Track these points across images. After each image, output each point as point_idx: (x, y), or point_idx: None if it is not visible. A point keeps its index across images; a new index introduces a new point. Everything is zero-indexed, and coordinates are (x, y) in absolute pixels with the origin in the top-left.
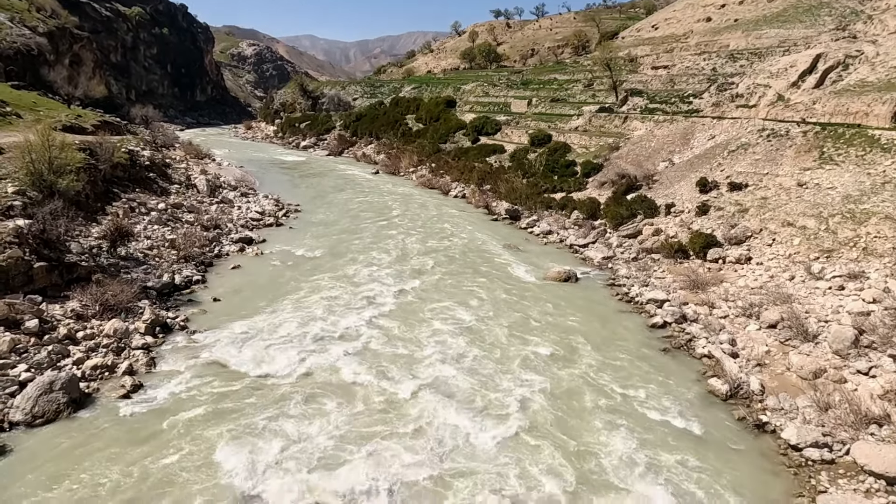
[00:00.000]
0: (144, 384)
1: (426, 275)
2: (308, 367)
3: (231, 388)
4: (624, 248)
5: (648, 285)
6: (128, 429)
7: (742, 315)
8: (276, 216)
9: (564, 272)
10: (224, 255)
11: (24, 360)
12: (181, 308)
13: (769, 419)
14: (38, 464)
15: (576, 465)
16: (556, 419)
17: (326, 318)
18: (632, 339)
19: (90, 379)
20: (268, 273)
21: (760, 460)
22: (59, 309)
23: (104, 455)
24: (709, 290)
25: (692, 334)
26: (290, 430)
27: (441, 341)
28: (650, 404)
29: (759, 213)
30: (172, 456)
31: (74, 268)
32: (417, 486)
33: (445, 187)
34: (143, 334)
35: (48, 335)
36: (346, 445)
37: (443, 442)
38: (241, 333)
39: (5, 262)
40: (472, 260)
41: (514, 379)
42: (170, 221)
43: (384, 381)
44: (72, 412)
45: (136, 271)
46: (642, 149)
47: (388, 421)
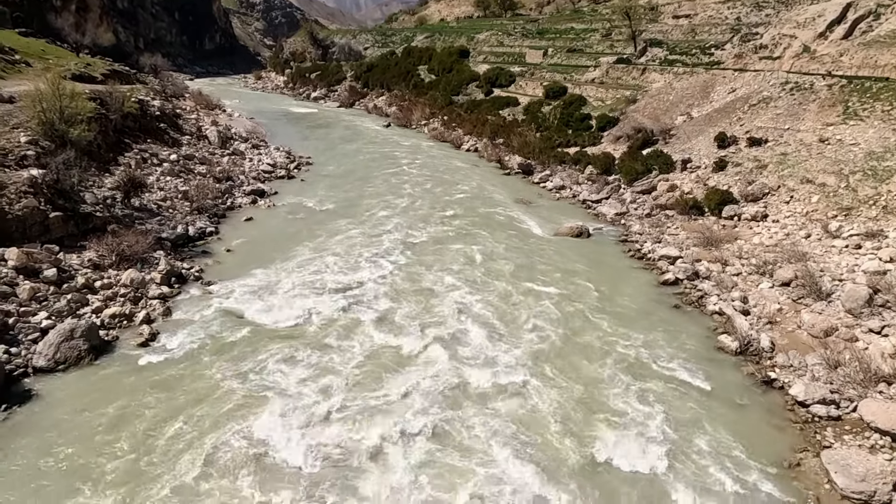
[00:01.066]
0: (161, 332)
1: (436, 228)
2: (320, 316)
3: (245, 337)
4: (637, 204)
5: (661, 242)
6: (146, 375)
7: (755, 273)
8: (288, 169)
9: (576, 227)
10: (236, 208)
11: (44, 307)
12: (195, 259)
13: (777, 376)
14: (61, 406)
15: (580, 412)
16: (563, 368)
17: (337, 270)
18: (642, 296)
19: (109, 327)
20: (280, 225)
21: (767, 416)
22: (76, 258)
23: (124, 399)
24: (722, 247)
25: (704, 291)
26: (306, 376)
27: (450, 295)
28: (658, 359)
29: (777, 170)
30: (190, 401)
31: (90, 218)
32: (433, 432)
33: (458, 141)
34: (158, 284)
35: (67, 284)
36: (362, 392)
37: (446, 392)
38: (255, 284)
39: (21, 211)
40: (483, 215)
41: (522, 331)
42: (182, 173)
43: (395, 331)
44: (92, 359)
45: (150, 222)
46: (660, 102)
47: (399, 368)
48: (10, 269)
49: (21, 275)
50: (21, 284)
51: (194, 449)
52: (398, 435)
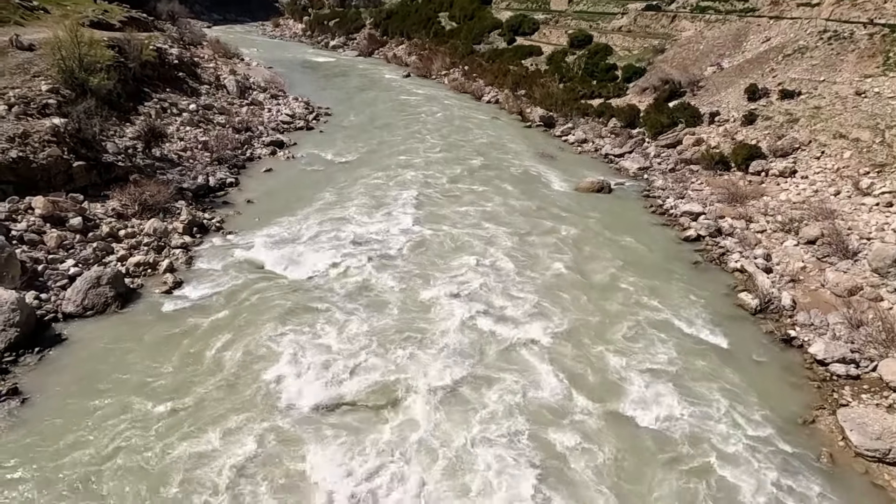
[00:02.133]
0: (185, 281)
1: (455, 182)
2: (340, 267)
3: (266, 287)
4: (661, 159)
5: (684, 197)
6: (171, 322)
7: (780, 230)
8: (307, 119)
9: (597, 182)
10: (256, 158)
11: (71, 255)
12: (216, 209)
13: (797, 334)
14: (91, 350)
15: (597, 367)
16: (581, 323)
17: (356, 221)
18: (663, 252)
19: (134, 275)
20: (299, 176)
21: (784, 373)
22: (100, 208)
23: (150, 344)
24: (748, 203)
25: (726, 248)
26: (326, 326)
27: (469, 250)
28: (676, 314)
29: (809, 124)
30: (213, 347)
31: (112, 168)
32: (454, 386)
33: (478, 92)
34: (181, 234)
35: (92, 233)
36: (385, 344)
37: (464, 350)
38: (275, 235)
39: (46, 160)
40: (502, 168)
41: (538, 285)
42: (201, 123)
43: (414, 281)
44: (119, 306)
45: (171, 172)
46: (689, 52)
47: (418, 318)
48: (38, 217)
49: (48, 223)
50: (48, 232)
51: (216, 391)
52: (425, 388)
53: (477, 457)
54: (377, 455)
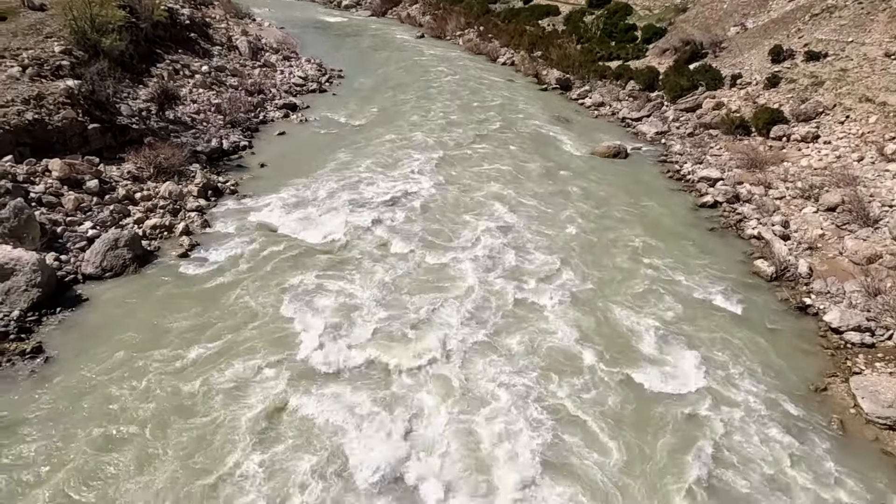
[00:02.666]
0: (200, 244)
1: (469, 146)
2: (354, 230)
3: (280, 251)
4: (680, 123)
5: (702, 163)
6: (188, 283)
7: (800, 197)
8: (320, 82)
9: (614, 147)
10: (269, 121)
11: (88, 217)
12: (230, 173)
13: (813, 302)
14: (111, 309)
15: (610, 332)
16: (594, 287)
17: (370, 184)
18: (678, 217)
19: (150, 238)
20: (312, 140)
21: (797, 341)
22: (115, 170)
23: (169, 304)
24: (767, 169)
25: (743, 215)
26: (341, 287)
27: (483, 212)
28: (691, 281)
29: (835, 87)
30: (230, 307)
31: (126, 130)
32: (472, 347)
33: (493, 53)
34: (196, 197)
35: (108, 195)
36: (400, 306)
37: (478, 313)
38: (289, 198)
39: (61, 122)
40: (517, 132)
41: (552, 248)
42: (214, 85)
43: (428, 244)
44: (137, 268)
45: (185, 135)
46: (713, 11)
47: (434, 280)
48: (55, 179)
49: (65, 185)
50: (66, 195)
51: (231, 350)
52: (439, 342)
53: (494, 394)
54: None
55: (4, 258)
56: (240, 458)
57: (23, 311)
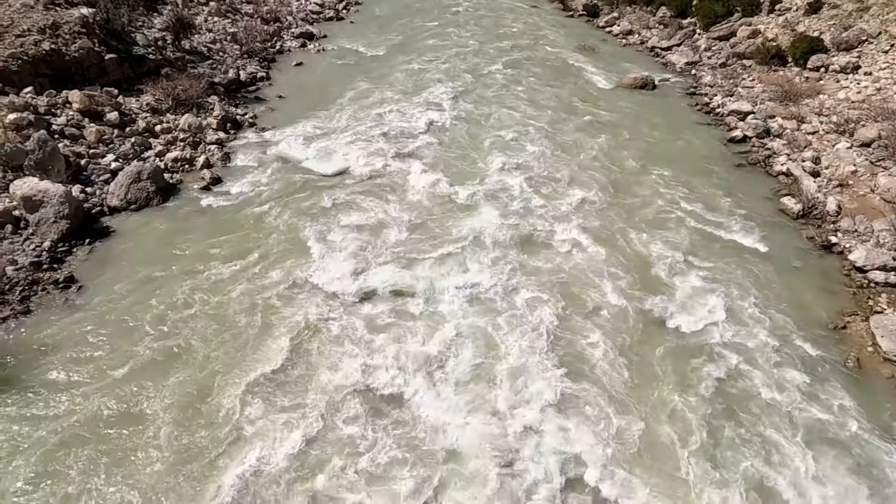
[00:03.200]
0: (221, 177)
1: (491, 76)
2: (373, 161)
3: (301, 182)
4: (712, 53)
5: (733, 95)
6: (211, 215)
7: (834, 131)
8: (337, 9)
9: (641, 78)
10: (286, 51)
11: (111, 150)
12: (249, 105)
13: (839, 241)
14: (138, 240)
15: (630, 266)
16: (615, 220)
17: (389, 115)
18: (705, 152)
19: (172, 171)
20: (331, 70)
21: (820, 279)
22: (134, 103)
23: (193, 235)
24: (801, 102)
25: (772, 150)
26: (361, 217)
27: (503, 146)
28: (714, 217)
29: (882, 13)
30: (253, 238)
31: (143, 61)
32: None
33: None
34: (215, 130)
35: (129, 128)
36: (420, 234)
37: (498, 241)
38: (308, 130)
39: (78, 52)
40: (540, 60)
41: (573, 181)
42: (229, 13)
43: (448, 174)
44: (160, 200)
45: (201, 66)
46: None
47: (454, 213)
48: (76, 111)
49: (86, 118)
50: (87, 127)
51: (254, 279)
52: (463, 273)
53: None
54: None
55: (32, 190)
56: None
57: (53, 242)
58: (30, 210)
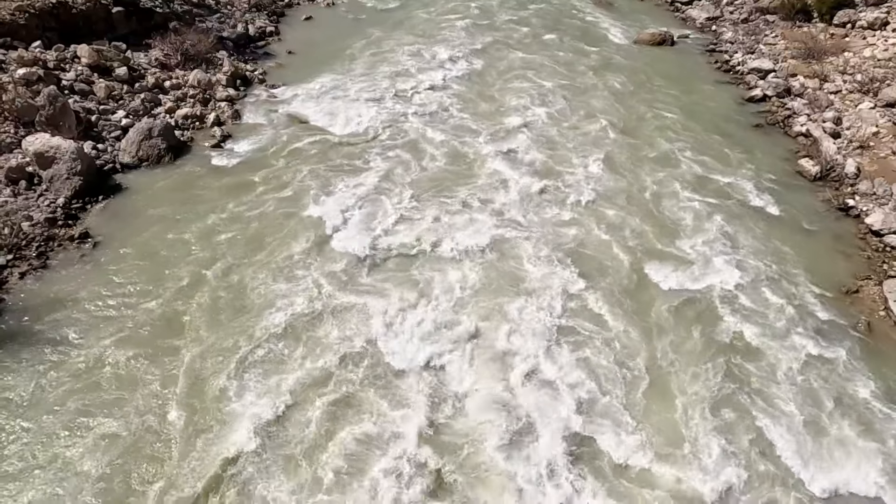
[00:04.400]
0: (232, 135)
1: (505, 33)
2: (385, 120)
3: (312, 141)
4: (734, 7)
5: (755, 52)
6: (222, 172)
7: (857, 91)
8: None
9: (659, 34)
10: (295, 5)
11: (121, 106)
12: (258, 61)
13: (856, 204)
14: (151, 196)
15: (638, 225)
16: (627, 181)
17: (401, 73)
18: (723, 111)
19: (183, 128)
20: (341, 25)
21: (834, 242)
22: (143, 57)
23: (203, 195)
24: (825, 60)
25: (793, 110)
26: (372, 177)
27: (517, 103)
28: (729, 176)
29: None
30: (264, 195)
31: (151, 14)
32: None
33: None
34: (224, 86)
35: (138, 83)
36: (431, 195)
37: (507, 204)
38: (319, 88)
39: (85, 5)
40: (555, 16)
41: (589, 139)
42: None
43: (460, 135)
44: (172, 158)
45: (209, 20)
46: None
47: (466, 174)
48: (84, 66)
49: (95, 73)
50: (97, 83)
51: (268, 234)
52: (467, 244)
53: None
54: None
55: (44, 146)
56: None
57: (67, 198)
58: (43, 166)
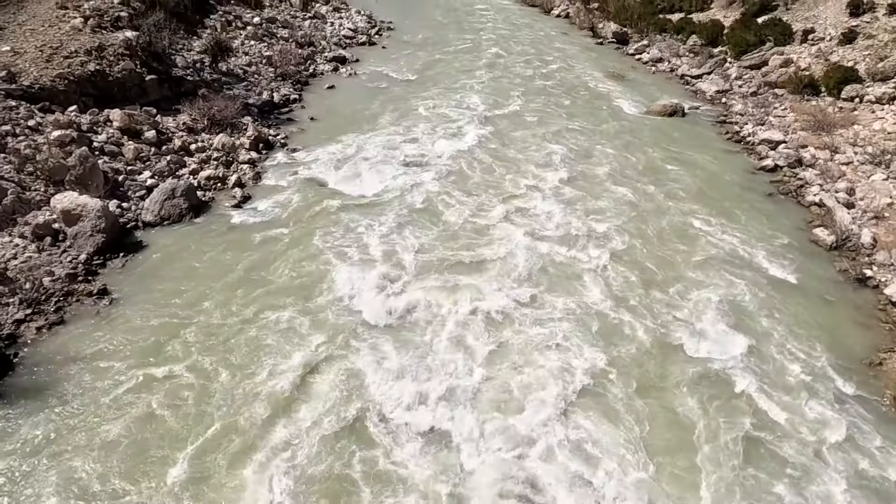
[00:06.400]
0: (252, 196)
1: (519, 101)
2: (400, 185)
3: (329, 204)
4: (743, 81)
5: (764, 124)
6: (241, 232)
7: (869, 163)
8: (369, 34)
9: (670, 105)
10: (318, 75)
11: (147, 167)
12: (281, 126)
13: (874, 274)
14: (170, 255)
15: (650, 298)
16: (639, 247)
17: (418, 140)
18: (735, 180)
19: (205, 189)
20: (362, 94)
21: (854, 313)
22: (171, 122)
23: (222, 253)
24: (835, 132)
25: (805, 180)
26: (386, 239)
27: (530, 170)
28: (742, 245)
29: None
30: (280, 255)
31: (181, 82)
32: (501, 310)
33: (547, 5)
34: (248, 150)
35: (165, 146)
36: (442, 259)
37: (525, 274)
38: (338, 152)
39: (121, 73)
40: (568, 87)
41: (601, 206)
42: (265, 37)
43: (474, 201)
44: (192, 217)
45: (237, 88)
46: None
47: (478, 238)
48: (116, 129)
49: (125, 135)
50: (126, 145)
51: (281, 292)
52: (484, 311)
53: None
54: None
55: (72, 204)
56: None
57: (89, 254)
58: (68, 223)
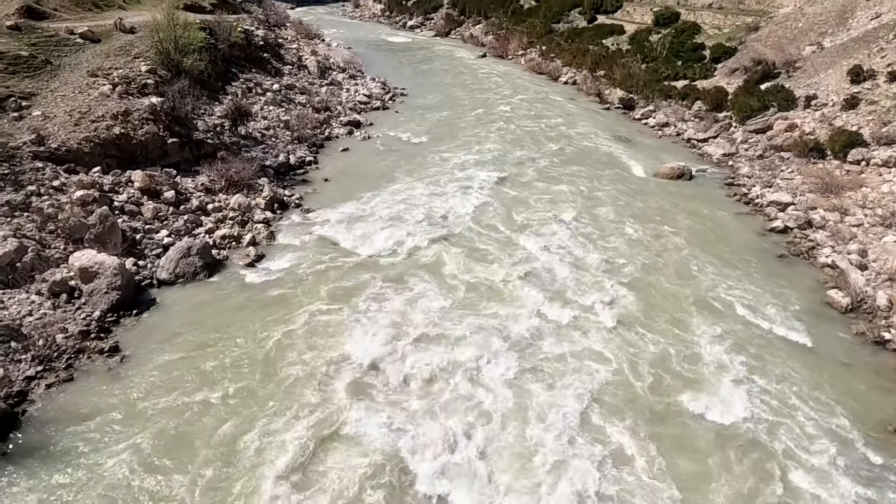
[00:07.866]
0: (266, 255)
1: (529, 165)
2: (411, 246)
3: (341, 263)
4: (749, 145)
5: (772, 186)
6: (253, 291)
7: (879, 224)
8: (383, 100)
9: (678, 168)
10: (334, 138)
11: (165, 226)
12: (296, 187)
13: (892, 337)
14: (182, 313)
15: (666, 363)
16: (651, 311)
17: (429, 201)
18: (745, 242)
19: (220, 247)
20: (375, 156)
21: (873, 377)
22: (190, 182)
23: (235, 311)
24: (843, 194)
25: (815, 242)
26: (400, 306)
27: (540, 233)
28: (756, 308)
29: None
30: (292, 315)
31: (202, 145)
32: (519, 369)
33: (555, 72)
34: (263, 209)
35: (183, 206)
36: (458, 319)
37: (533, 336)
38: (351, 213)
39: (144, 137)
40: (576, 151)
41: (611, 268)
42: (283, 102)
43: (485, 262)
44: (206, 275)
45: (254, 150)
46: (786, 30)
47: (489, 299)
48: (136, 189)
49: (145, 195)
50: (145, 204)
51: (292, 352)
52: (490, 377)
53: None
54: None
55: (90, 262)
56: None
57: (103, 311)
58: (85, 281)
